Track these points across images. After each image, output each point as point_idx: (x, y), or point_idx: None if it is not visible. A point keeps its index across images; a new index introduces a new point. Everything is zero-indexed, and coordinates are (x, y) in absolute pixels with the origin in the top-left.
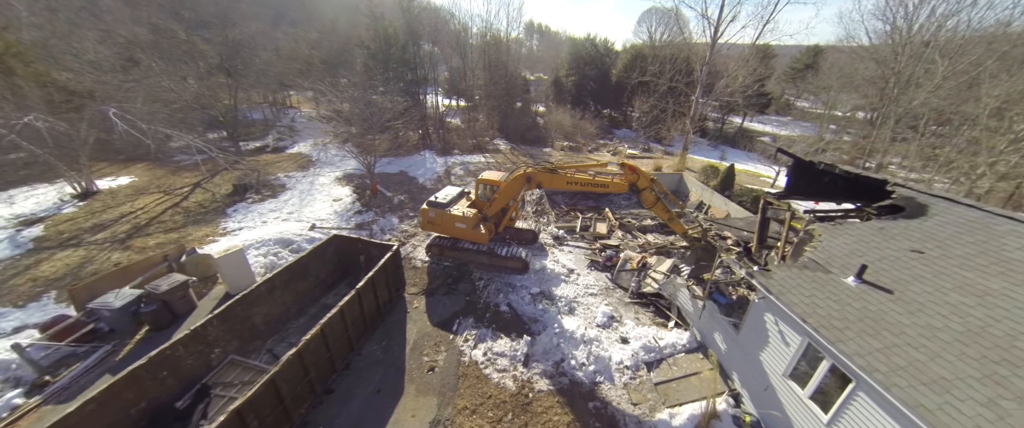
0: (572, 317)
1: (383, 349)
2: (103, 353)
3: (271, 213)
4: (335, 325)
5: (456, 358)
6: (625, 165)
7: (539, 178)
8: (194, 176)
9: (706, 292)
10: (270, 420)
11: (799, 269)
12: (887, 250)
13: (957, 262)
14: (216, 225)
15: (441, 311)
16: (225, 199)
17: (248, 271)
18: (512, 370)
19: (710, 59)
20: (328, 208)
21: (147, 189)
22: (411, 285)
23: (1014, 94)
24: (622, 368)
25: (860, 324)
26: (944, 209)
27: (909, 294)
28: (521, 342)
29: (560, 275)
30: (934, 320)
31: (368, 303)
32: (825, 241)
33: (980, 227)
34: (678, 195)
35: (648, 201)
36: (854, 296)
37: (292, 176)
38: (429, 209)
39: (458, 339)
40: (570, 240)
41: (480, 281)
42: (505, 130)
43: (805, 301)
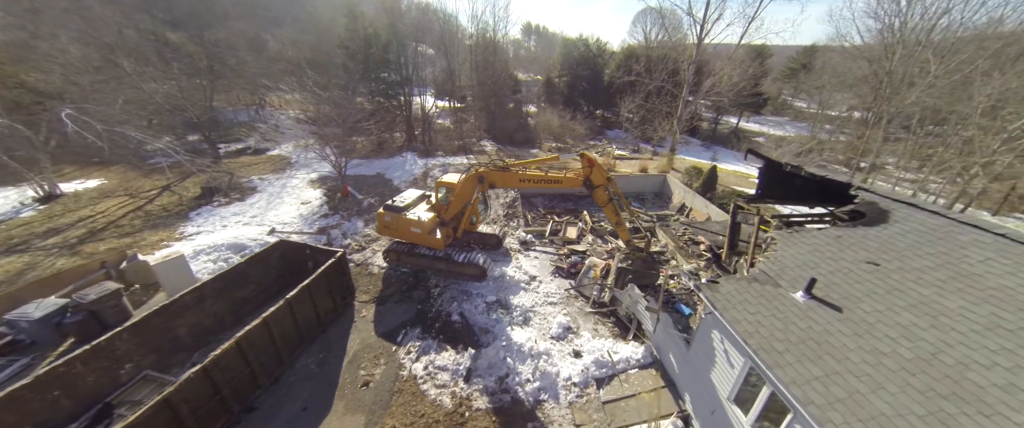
0: (525, 328)
1: (319, 362)
2: (19, 367)
3: (234, 217)
4: (257, 338)
5: (395, 372)
6: (583, 156)
7: (491, 177)
8: (166, 179)
9: (659, 303)
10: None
11: (748, 282)
12: (842, 261)
13: (914, 276)
14: (174, 229)
15: (389, 320)
16: (191, 202)
17: (190, 278)
18: (452, 386)
19: (696, 58)
20: (294, 211)
21: (114, 192)
22: (363, 292)
23: (1007, 93)
24: (569, 385)
25: (802, 347)
26: (906, 215)
27: (859, 313)
28: (465, 355)
29: (520, 283)
30: (882, 344)
31: (304, 313)
32: (780, 250)
33: (942, 236)
34: (661, 197)
35: (600, 200)
36: (801, 314)
37: (266, 178)
38: (385, 213)
39: (401, 351)
40: (538, 245)
41: (436, 288)
42: (493, 131)
43: (749, 319)
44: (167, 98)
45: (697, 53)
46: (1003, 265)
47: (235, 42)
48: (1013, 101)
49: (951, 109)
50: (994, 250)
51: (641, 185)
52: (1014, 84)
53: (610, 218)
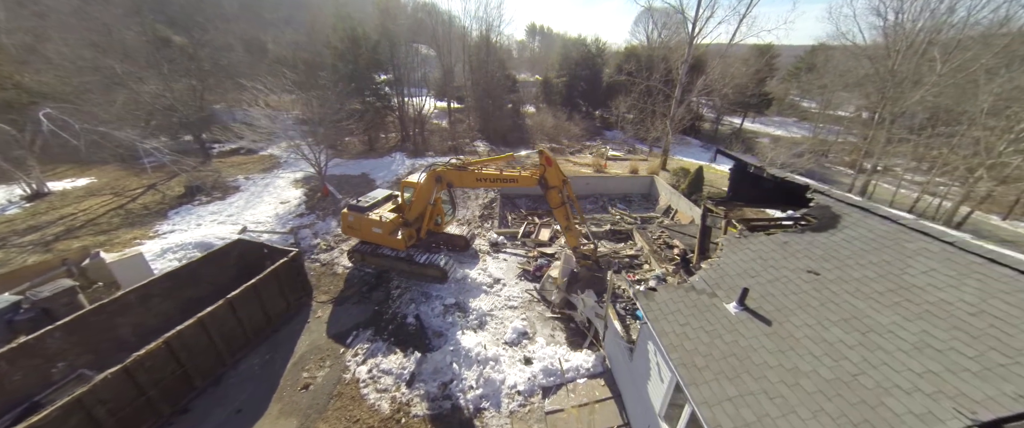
0: (479, 333)
1: (264, 363)
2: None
3: (211, 216)
4: (193, 339)
5: (338, 375)
6: (542, 153)
7: (449, 176)
8: (153, 178)
9: (605, 308)
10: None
11: (685, 291)
12: (783, 270)
13: (852, 287)
14: (150, 227)
15: (344, 321)
16: (173, 201)
17: (148, 276)
18: (394, 390)
19: (688, 57)
20: (271, 211)
21: (101, 191)
22: (323, 292)
23: (1014, 91)
24: (513, 393)
25: (724, 363)
26: (856, 221)
27: (788, 327)
28: (412, 359)
29: (483, 285)
30: (803, 362)
31: (250, 313)
32: (724, 257)
33: (890, 243)
34: (649, 199)
35: (553, 201)
36: (729, 327)
37: (251, 178)
38: (349, 213)
39: (349, 353)
40: (509, 247)
41: (397, 289)
42: (487, 132)
43: (677, 330)
44: (156, 98)
45: (689, 52)
46: (945, 277)
47: (231, 43)
48: (1020, 100)
49: (956, 109)
50: (939, 260)
51: (628, 186)
52: (1022, 82)
53: (560, 222)
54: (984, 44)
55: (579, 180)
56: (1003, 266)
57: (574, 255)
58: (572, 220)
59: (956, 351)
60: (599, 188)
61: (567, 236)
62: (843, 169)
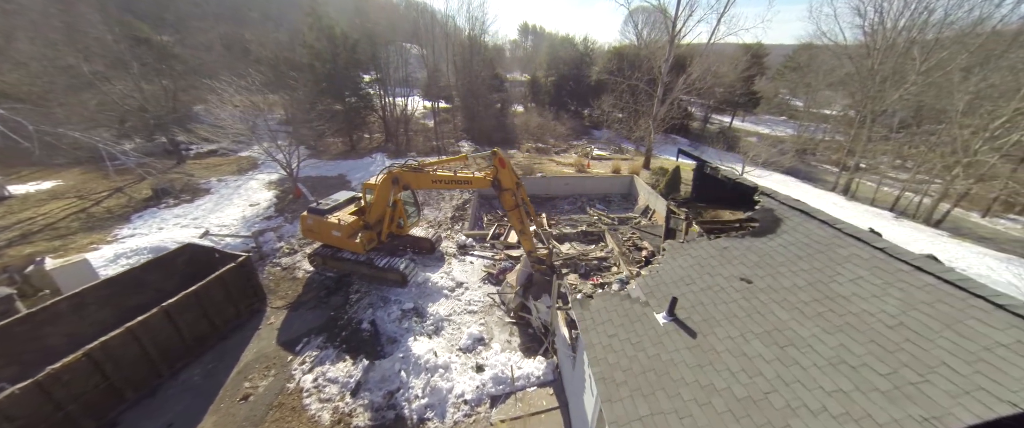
0: (433, 338)
1: (206, 373)
2: None
3: (175, 219)
4: (121, 350)
5: (281, 384)
6: (495, 154)
7: (405, 178)
8: (120, 180)
9: (550, 315)
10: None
11: (620, 299)
12: (718, 277)
13: (780, 296)
14: (109, 232)
15: (297, 327)
16: (139, 204)
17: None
18: (337, 400)
19: (669, 56)
20: (239, 213)
21: (65, 194)
22: (280, 298)
23: (988, 89)
24: (460, 403)
25: (643, 378)
26: (796, 225)
27: (711, 339)
28: (359, 367)
29: (444, 289)
30: (720, 378)
31: (191, 321)
32: (665, 263)
33: (823, 249)
34: (628, 199)
35: (506, 204)
36: (655, 338)
37: (224, 180)
38: (308, 216)
39: (296, 361)
40: (477, 249)
41: (356, 294)
42: (472, 131)
43: (604, 342)
44: (124, 98)
45: (670, 51)
46: (871, 286)
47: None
48: (992, 98)
49: (936, 107)
50: (868, 268)
51: (608, 186)
52: (996, 80)
53: (514, 225)
54: (960, 43)
55: (558, 180)
56: (928, 274)
57: (529, 259)
58: (527, 223)
59: (869, 368)
60: (578, 188)
61: (522, 239)
62: (829, 167)
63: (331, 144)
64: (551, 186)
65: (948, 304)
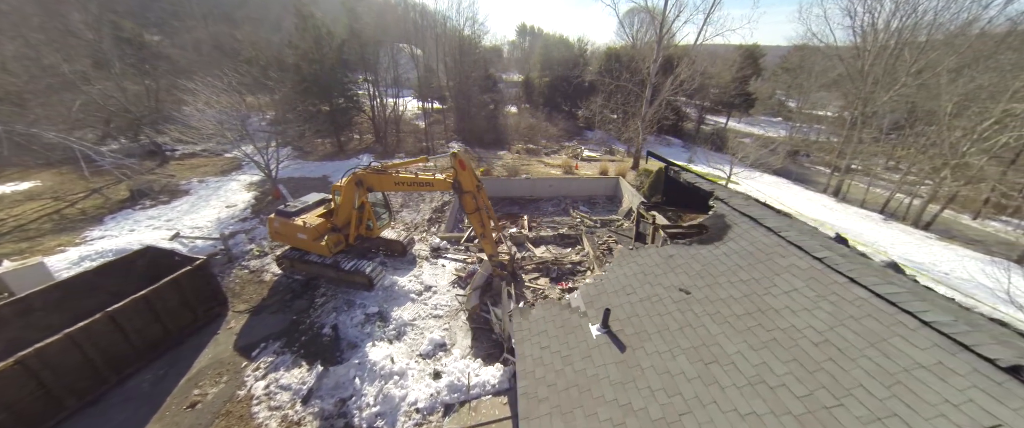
0: (393, 344)
1: (156, 380)
2: None
3: (149, 221)
4: (57, 356)
5: (232, 391)
6: (455, 157)
7: (368, 180)
8: (98, 181)
9: (501, 322)
10: None
11: (561, 308)
12: (659, 287)
13: (714, 309)
14: (79, 233)
15: (257, 332)
16: (116, 205)
17: None
18: (287, 408)
19: (657, 56)
20: (214, 215)
21: (42, 195)
22: (244, 301)
23: (977, 90)
24: (412, 411)
25: (565, 395)
26: (743, 232)
27: (639, 354)
28: (313, 373)
29: (411, 293)
30: (639, 397)
31: (141, 326)
32: (611, 270)
33: (764, 259)
34: (613, 201)
35: (467, 207)
36: (585, 352)
37: (205, 181)
38: (275, 218)
39: (251, 367)
40: (450, 252)
41: (322, 298)
42: (463, 132)
43: (536, 354)
44: (106, 99)
45: (658, 51)
46: (804, 299)
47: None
48: (980, 99)
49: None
50: (804, 279)
51: (594, 188)
52: (984, 82)
53: (475, 228)
54: (949, 45)
55: (543, 181)
56: (861, 286)
57: (491, 263)
58: (488, 227)
59: (787, 389)
60: (563, 190)
61: (483, 243)
62: (823, 169)
63: (319, 145)
64: (536, 188)
65: (876, 320)
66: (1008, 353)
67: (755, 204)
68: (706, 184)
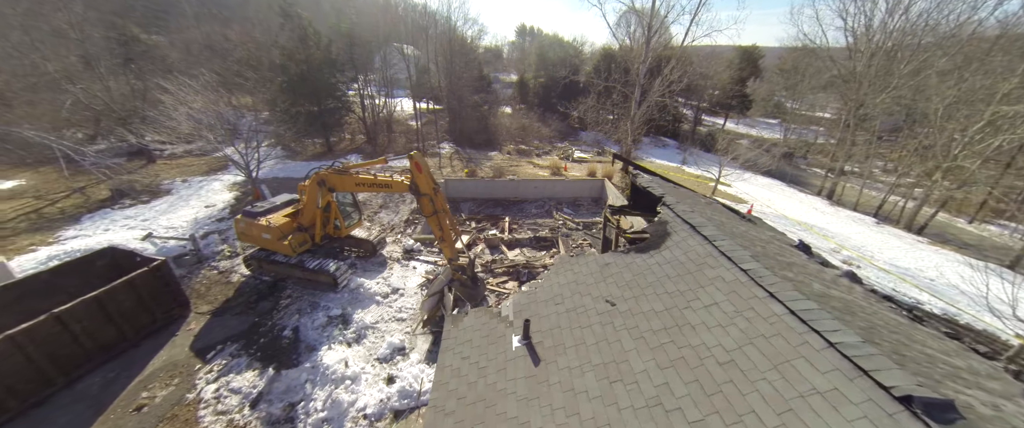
0: (351, 347)
1: (106, 382)
2: None
3: (125, 220)
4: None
5: (182, 394)
6: (412, 159)
7: (330, 180)
8: (86, 180)
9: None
10: None
11: (490, 317)
12: (588, 297)
13: (634, 323)
14: (53, 232)
15: (216, 334)
16: (95, 205)
17: None
18: (235, 412)
19: (646, 57)
20: (191, 215)
21: (24, 193)
22: (208, 302)
23: (967, 93)
24: (360, 417)
25: (470, 410)
26: (680, 240)
27: (551, 369)
28: (264, 377)
29: (377, 295)
30: (537, 417)
31: (91, 328)
32: (548, 278)
33: (695, 269)
34: (598, 203)
35: (425, 210)
36: (501, 364)
37: (189, 180)
38: (241, 218)
39: (205, 369)
40: (423, 254)
41: (287, 299)
42: (454, 133)
43: (455, 364)
44: (91, 98)
45: (646, 52)
46: (721, 315)
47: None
48: (971, 102)
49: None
50: (726, 292)
51: (579, 190)
52: (975, 84)
53: (433, 231)
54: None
55: (528, 183)
56: (779, 302)
57: (450, 266)
58: (447, 230)
59: (681, 413)
60: (548, 192)
61: (442, 247)
62: (818, 171)
63: (309, 145)
64: (520, 189)
65: (786, 339)
66: (907, 380)
67: (704, 208)
68: (659, 188)
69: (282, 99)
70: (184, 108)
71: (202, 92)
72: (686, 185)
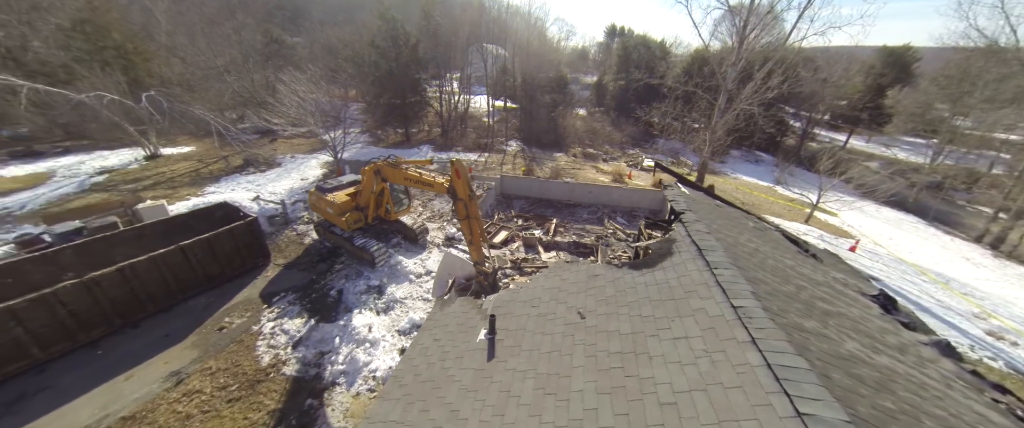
0: (378, 315)
1: (206, 304)
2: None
3: (246, 183)
4: (144, 271)
5: (249, 325)
6: (453, 164)
7: (385, 172)
8: (230, 151)
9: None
10: (48, 333)
11: (472, 306)
12: (563, 304)
13: (594, 340)
14: (202, 188)
15: (283, 283)
16: (231, 170)
17: None
18: (281, 348)
19: (737, 57)
20: (290, 184)
21: (193, 157)
22: (284, 257)
23: None
24: (370, 377)
25: (419, 387)
26: (682, 261)
27: (499, 368)
28: (307, 326)
29: (411, 275)
30: (468, 409)
31: (203, 261)
32: (539, 279)
33: (683, 296)
34: (656, 216)
35: (458, 213)
36: (461, 353)
37: (295, 157)
38: (314, 192)
39: (269, 310)
40: (462, 244)
41: (340, 265)
42: (524, 131)
43: (427, 344)
44: (241, 87)
45: (738, 53)
46: (687, 351)
47: (313, 42)
48: None
49: None
50: (703, 328)
51: (637, 200)
52: None
53: (464, 234)
54: None
55: (582, 187)
56: (757, 350)
57: (475, 269)
58: (477, 234)
59: None
60: (603, 198)
61: (471, 250)
62: (985, 210)
63: (390, 134)
64: (574, 192)
65: (746, 394)
66: None
67: (738, 232)
68: (684, 202)
69: (371, 92)
70: (294, 98)
71: (306, 84)
72: (765, 209)
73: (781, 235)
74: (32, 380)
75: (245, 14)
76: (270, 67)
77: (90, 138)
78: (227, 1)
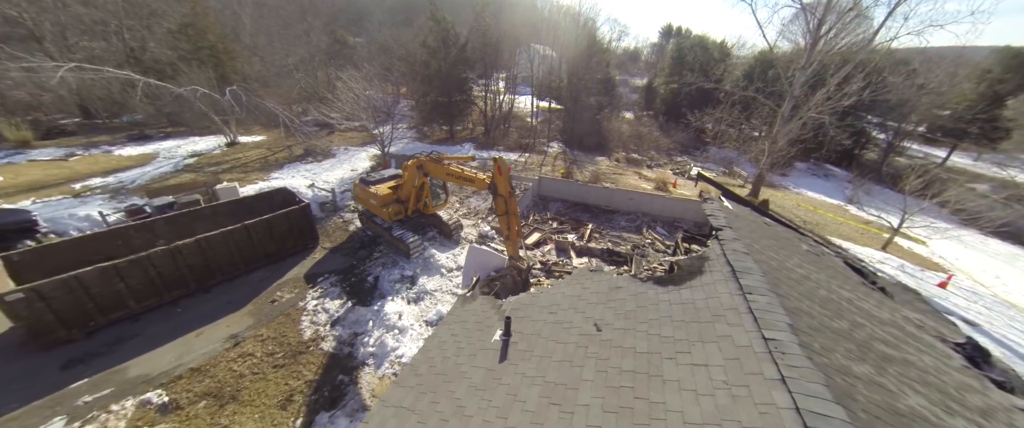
0: (409, 304)
1: (262, 278)
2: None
3: (305, 171)
4: (216, 244)
5: (296, 301)
6: (496, 162)
7: (427, 167)
8: (293, 141)
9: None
10: (142, 289)
11: (492, 306)
12: (581, 314)
13: (607, 355)
14: (268, 173)
15: (327, 266)
16: (293, 158)
17: None
18: (322, 325)
19: (807, 61)
20: (341, 174)
21: (263, 146)
22: (330, 241)
23: None
24: (395, 361)
25: (431, 379)
26: (713, 281)
27: (509, 370)
28: (345, 307)
29: (443, 268)
30: (474, 407)
31: (262, 239)
32: (561, 285)
33: (710, 319)
34: (700, 228)
35: (498, 209)
36: (475, 350)
37: (349, 149)
38: (359, 184)
39: (313, 290)
40: (496, 241)
41: (378, 253)
42: (567, 133)
43: (444, 337)
44: (307, 83)
45: (809, 55)
46: (705, 381)
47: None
48: None
49: None
50: (727, 357)
51: (681, 210)
52: None
53: (502, 230)
54: None
55: (622, 193)
56: (786, 391)
57: (510, 262)
58: (514, 230)
59: None
60: (644, 206)
61: (506, 246)
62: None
63: (436, 130)
64: (613, 198)
65: None
66: None
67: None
68: (723, 218)
69: (420, 90)
70: (350, 94)
71: (361, 82)
72: (831, 230)
73: (842, 262)
74: (128, 328)
75: (314, 16)
76: (332, 65)
77: (185, 126)
78: (300, 4)
